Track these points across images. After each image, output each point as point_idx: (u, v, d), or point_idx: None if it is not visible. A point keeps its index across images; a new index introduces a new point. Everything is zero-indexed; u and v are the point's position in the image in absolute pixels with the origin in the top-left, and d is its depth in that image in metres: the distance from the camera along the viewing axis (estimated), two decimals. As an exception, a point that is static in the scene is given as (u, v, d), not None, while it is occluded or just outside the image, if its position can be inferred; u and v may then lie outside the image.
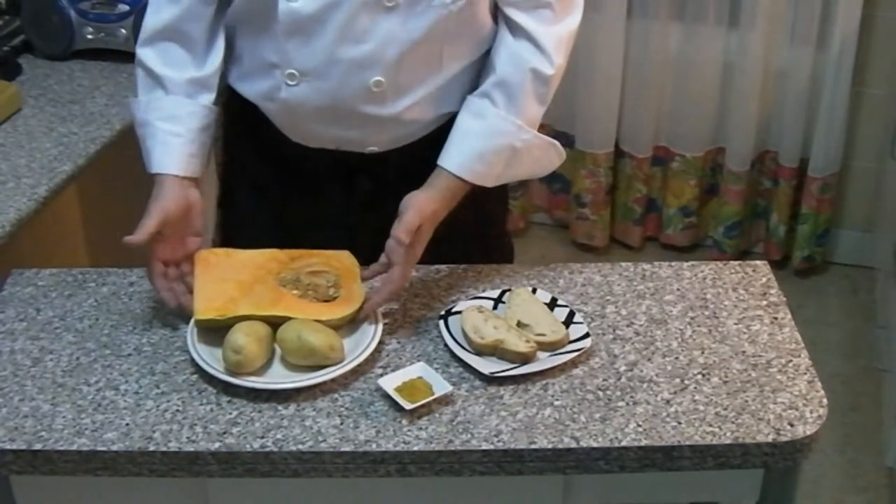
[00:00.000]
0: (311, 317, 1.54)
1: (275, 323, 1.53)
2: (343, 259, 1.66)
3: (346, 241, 1.70)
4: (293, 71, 1.64)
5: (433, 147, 1.67)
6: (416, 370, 1.50)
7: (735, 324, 1.62)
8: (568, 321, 1.59)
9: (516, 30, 1.65)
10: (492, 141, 1.64)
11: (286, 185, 1.82)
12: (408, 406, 1.44)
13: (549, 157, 1.72)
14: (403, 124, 1.70)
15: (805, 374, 1.53)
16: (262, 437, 1.42)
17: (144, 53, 1.69)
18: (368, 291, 1.61)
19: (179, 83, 1.68)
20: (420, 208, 1.59)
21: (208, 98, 1.70)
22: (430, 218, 1.61)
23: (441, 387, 1.47)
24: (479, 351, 1.54)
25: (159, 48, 1.68)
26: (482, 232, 1.87)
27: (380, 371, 1.53)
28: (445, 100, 1.70)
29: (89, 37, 2.40)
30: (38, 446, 1.41)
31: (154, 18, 1.68)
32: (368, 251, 1.64)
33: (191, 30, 1.68)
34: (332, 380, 1.49)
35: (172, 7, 1.67)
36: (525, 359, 1.52)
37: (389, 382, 1.48)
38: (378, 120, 1.67)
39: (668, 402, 1.47)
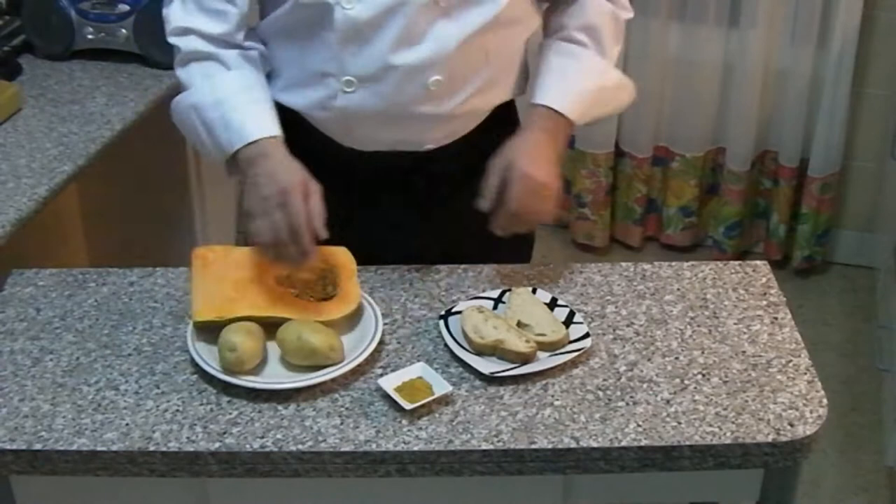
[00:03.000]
0: (310, 317, 1.54)
1: (273, 323, 1.53)
2: (339, 255, 1.66)
3: (401, 241, 1.73)
4: (350, 78, 1.63)
5: (484, 137, 1.72)
6: (416, 370, 1.50)
7: (735, 324, 1.62)
8: (568, 321, 1.59)
9: None
10: (586, 79, 1.71)
11: (337, 190, 1.77)
12: (408, 406, 1.44)
13: (624, 95, 1.79)
14: (459, 119, 1.71)
15: (805, 374, 1.53)
16: (262, 437, 1.42)
17: (185, 42, 1.65)
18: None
19: (235, 57, 1.64)
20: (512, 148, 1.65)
21: (264, 77, 1.68)
22: (528, 152, 1.65)
23: (441, 387, 1.47)
24: (480, 351, 1.54)
25: (203, 40, 1.65)
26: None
27: (380, 371, 1.53)
28: (496, 89, 1.73)
29: (89, 37, 2.40)
30: (38, 446, 1.41)
31: (195, 18, 1.64)
32: (424, 250, 1.70)
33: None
34: (332, 380, 1.49)
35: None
36: (525, 359, 1.52)
37: (389, 382, 1.48)
38: (435, 118, 1.69)
39: (667, 402, 1.47)
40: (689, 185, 3.41)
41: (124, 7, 2.37)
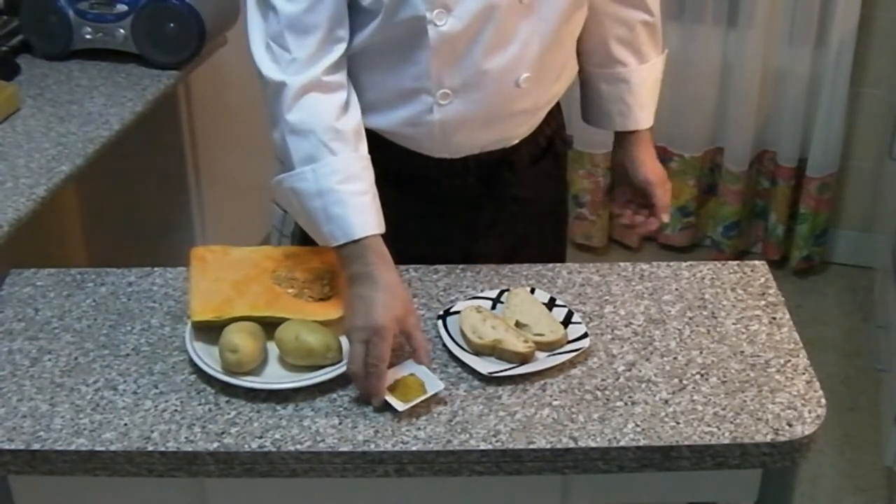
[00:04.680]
0: (308, 317, 1.54)
1: (271, 323, 1.53)
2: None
3: (482, 243, 1.79)
4: (446, 90, 1.62)
5: (550, 120, 1.79)
6: (407, 367, 1.49)
7: (733, 324, 1.62)
8: (566, 321, 1.59)
9: None
10: (643, 90, 1.87)
11: (418, 202, 1.76)
12: (400, 407, 1.43)
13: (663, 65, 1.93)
14: (542, 109, 1.76)
15: (803, 373, 1.53)
16: (261, 438, 1.42)
17: (294, 118, 1.53)
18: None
19: (344, 138, 1.55)
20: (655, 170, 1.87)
21: (365, 146, 1.58)
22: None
23: (433, 384, 1.46)
24: (478, 351, 1.54)
25: (305, 105, 1.53)
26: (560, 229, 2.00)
27: (378, 371, 1.52)
28: (569, 71, 1.79)
29: (87, 37, 2.40)
30: (36, 446, 1.41)
31: (293, 77, 1.53)
32: (502, 248, 1.77)
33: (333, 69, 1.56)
34: (331, 380, 1.49)
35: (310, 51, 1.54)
36: (523, 359, 1.52)
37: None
38: (524, 113, 1.72)
39: (666, 402, 1.47)
40: (687, 185, 3.41)
41: (122, 7, 2.37)
